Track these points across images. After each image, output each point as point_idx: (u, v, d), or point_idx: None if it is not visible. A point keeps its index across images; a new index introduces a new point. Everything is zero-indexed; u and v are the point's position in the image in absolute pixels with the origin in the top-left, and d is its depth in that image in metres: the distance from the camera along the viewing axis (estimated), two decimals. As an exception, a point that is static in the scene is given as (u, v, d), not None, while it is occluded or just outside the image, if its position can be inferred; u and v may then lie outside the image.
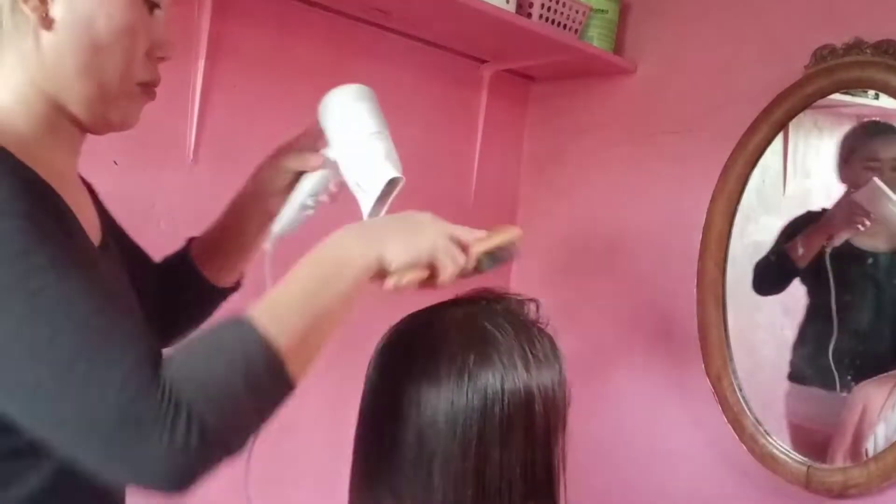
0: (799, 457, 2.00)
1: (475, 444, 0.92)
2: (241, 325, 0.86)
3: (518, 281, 2.70)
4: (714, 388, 2.13)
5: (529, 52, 2.43)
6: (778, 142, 2.12)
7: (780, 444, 2.03)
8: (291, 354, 0.86)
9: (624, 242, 2.47)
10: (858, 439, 1.93)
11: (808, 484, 1.96)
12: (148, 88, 1.06)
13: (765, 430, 2.06)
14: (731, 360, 2.12)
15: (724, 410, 2.11)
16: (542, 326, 1.06)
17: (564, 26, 2.28)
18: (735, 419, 2.10)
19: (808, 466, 1.96)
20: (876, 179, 1.96)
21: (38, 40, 0.96)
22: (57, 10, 0.95)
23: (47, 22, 0.95)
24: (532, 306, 1.08)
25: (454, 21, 2.17)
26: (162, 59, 1.07)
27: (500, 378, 0.94)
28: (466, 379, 0.94)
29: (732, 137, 2.15)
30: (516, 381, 0.95)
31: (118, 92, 1.02)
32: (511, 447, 0.94)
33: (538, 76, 2.74)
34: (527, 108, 2.80)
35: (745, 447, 2.08)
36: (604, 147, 2.55)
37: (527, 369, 0.96)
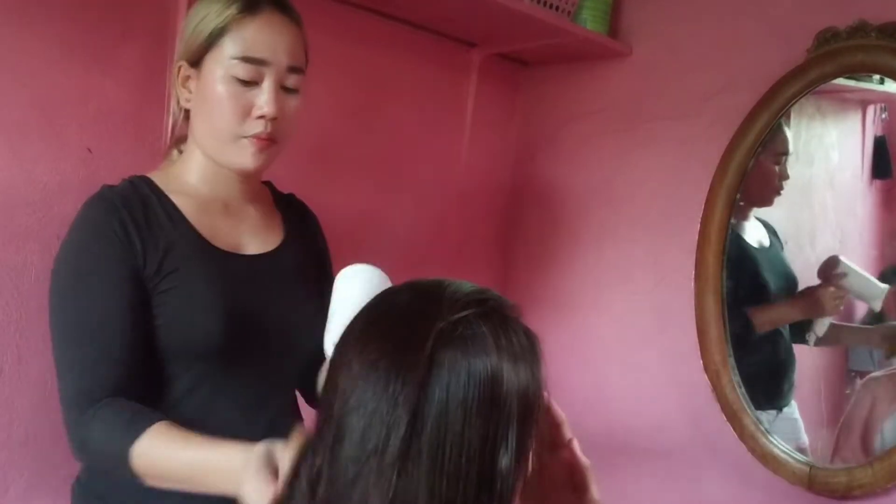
0: (801, 456, 2.00)
1: (437, 413, 0.90)
2: (130, 444, 1.29)
3: (509, 273, 2.71)
4: (712, 384, 2.14)
5: (520, 36, 2.41)
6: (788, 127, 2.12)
7: (781, 444, 2.03)
8: (147, 478, 1.31)
9: (618, 234, 2.47)
10: (867, 435, 1.94)
11: (811, 485, 1.95)
12: (255, 139, 1.48)
13: (765, 429, 2.06)
14: (731, 355, 2.12)
15: (722, 408, 2.12)
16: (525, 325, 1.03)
17: (557, 8, 2.26)
18: (734, 416, 2.10)
19: (811, 467, 1.96)
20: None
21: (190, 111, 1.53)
22: (192, 87, 1.50)
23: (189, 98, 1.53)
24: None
25: (442, 3, 2.15)
26: (261, 116, 1.47)
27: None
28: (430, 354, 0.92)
29: (732, 124, 2.14)
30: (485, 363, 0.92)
31: (228, 142, 1.48)
32: (472, 426, 0.91)
33: (530, 60, 2.73)
34: (518, 93, 2.78)
35: (745, 446, 2.08)
36: (598, 134, 2.55)
37: (498, 356, 0.93)
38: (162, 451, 1.30)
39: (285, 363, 1.57)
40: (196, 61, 1.49)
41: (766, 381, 2.18)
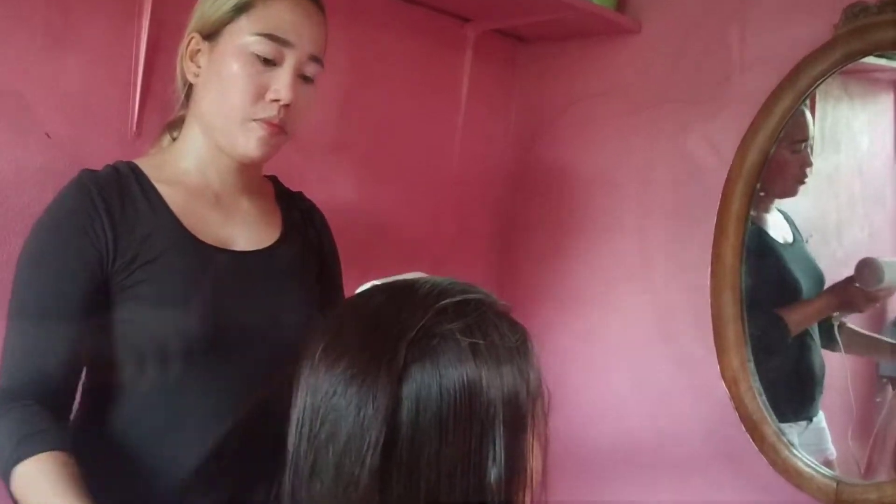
0: (827, 471, 1.93)
1: (411, 434, 0.89)
2: (14, 464, 1.27)
3: (506, 269, 2.66)
4: (730, 391, 2.07)
5: (519, 10, 2.35)
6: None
7: (806, 457, 1.97)
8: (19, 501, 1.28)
9: (625, 226, 2.40)
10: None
11: (838, 502, 1.88)
12: (265, 124, 1.46)
13: (788, 441, 1.99)
14: (750, 360, 2.05)
15: (741, 417, 2.05)
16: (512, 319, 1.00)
17: (559, -21, 2.16)
18: (754, 427, 2.04)
19: (838, 482, 1.88)
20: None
21: (194, 88, 1.52)
22: (202, 62, 1.49)
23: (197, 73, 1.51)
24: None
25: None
26: (276, 100, 1.45)
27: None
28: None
29: (750, 107, 2.07)
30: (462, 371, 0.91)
31: (236, 123, 1.46)
32: (450, 443, 0.89)
33: (529, 37, 2.67)
34: (516, 73, 2.73)
35: (765, 459, 2.02)
36: (603, 117, 2.47)
37: (476, 362, 0.91)
38: (36, 486, 1.27)
39: (267, 369, 1.48)
40: (211, 34, 1.48)
41: (792, 388, 2.12)
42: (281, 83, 1.45)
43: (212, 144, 1.52)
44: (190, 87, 1.54)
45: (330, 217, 1.78)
